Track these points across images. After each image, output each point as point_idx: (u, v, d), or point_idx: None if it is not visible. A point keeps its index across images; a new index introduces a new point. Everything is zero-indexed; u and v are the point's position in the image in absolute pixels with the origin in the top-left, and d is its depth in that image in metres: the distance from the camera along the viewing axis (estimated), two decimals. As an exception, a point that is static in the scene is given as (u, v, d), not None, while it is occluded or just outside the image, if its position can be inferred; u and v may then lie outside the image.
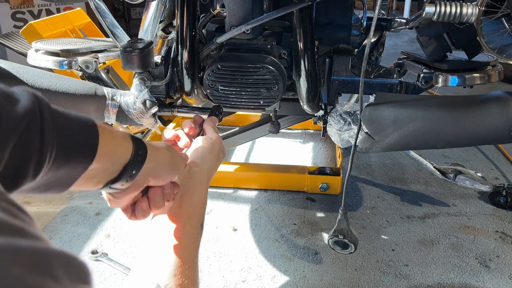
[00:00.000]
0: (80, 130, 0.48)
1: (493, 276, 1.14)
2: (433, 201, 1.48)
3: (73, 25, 1.84)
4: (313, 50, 1.01)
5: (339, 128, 1.02)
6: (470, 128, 0.88)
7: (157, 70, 1.10)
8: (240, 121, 1.98)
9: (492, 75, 1.01)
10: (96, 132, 0.49)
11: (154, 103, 1.09)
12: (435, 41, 0.99)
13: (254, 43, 1.01)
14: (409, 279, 1.14)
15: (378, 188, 1.56)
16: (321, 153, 1.85)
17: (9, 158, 0.42)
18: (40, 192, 0.48)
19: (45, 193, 0.49)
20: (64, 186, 0.49)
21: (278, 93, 1.01)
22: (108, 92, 1.06)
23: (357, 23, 1.09)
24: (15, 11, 2.85)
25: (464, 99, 0.94)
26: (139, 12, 3.90)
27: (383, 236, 1.30)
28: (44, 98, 0.46)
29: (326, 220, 1.37)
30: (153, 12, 1.10)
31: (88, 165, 0.49)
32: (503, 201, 1.42)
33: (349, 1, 1.07)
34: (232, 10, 0.96)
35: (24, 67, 0.99)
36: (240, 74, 0.99)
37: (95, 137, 0.49)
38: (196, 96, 1.10)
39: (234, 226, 1.34)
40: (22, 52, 1.59)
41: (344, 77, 1.07)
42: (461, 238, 1.29)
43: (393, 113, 0.93)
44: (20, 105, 0.43)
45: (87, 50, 1.16)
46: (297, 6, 0.90)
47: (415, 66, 1.06)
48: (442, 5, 0.91)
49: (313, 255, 1.22)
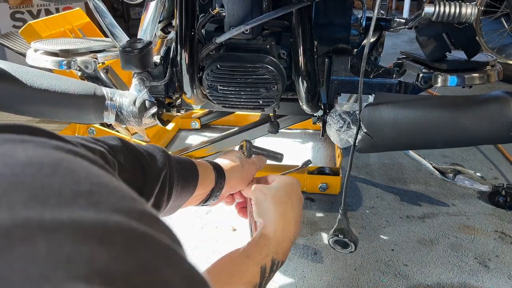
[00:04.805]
0: (188, 170, 0.68)
1: (493, 276, 1.14)
2: (432, 201, 1.48)
3: (72, 25, 1.83)
4: (312, 50, 1.01)
5: (338, 128, 1.01)
6: (469, 128, 0.88)
7: (156, 70, 1.10)
8: (239, 121, 1.98)
9: (492, 75, 1.01)
10: (197, 171, 0.69)
11: (153, 103, 1.09)
12: (435, 41, 0.99)
13: (253, 43, 1.01)
14: (409, 279, 1.14)
15: (377, 188, 1.56)
16: (321, 153, 1.85)
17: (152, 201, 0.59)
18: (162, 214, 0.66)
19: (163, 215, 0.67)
20: (177, 209, 0.69)
21: (277, 93, 1.01)
22: (107, 92, 1.06)
23: (356, 23, 1.09)
24: (14, 11, 2.85)
25: (464, 99, 0.94)
26: (138, 12, 3.89)
27: (383, 236, 1.30)
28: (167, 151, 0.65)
29: (326, 220, 1.37)
30: (152, 12, 1.10)
31: (192, 193, 0.69)
32: (502, 201, 1.42)
33: (348, 1, 1.07)
34: (231, 10, 0.96)
35: (23, 67, 0.98)
36: (239, 74, 0.99)
37: (197, 174, 0.69)
38: (195, 96, 1.09)
39: (233, 226, 1.34)
40: (21, 52, 1.59)
41: (343, 77, 1.07)
42: (461, 238, 1.29)
43: (392, 113, 0.93)
44: (158, 162, 0.61)
45: (86, 50, 1.16)
46: (296, 6, 0.90)
47: (415, 66, 1.06)
48: (442, 5, 0.91)
49: (313, 255, 1.22)
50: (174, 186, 0.63)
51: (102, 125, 1.80)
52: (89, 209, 0.23)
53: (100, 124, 1.77)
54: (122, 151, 0.54)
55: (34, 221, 0.21)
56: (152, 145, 0.63)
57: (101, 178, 0.28)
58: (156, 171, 0.59)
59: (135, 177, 0.55)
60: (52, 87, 0.97)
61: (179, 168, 0.65)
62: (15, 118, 1.78)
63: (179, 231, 1.33)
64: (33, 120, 1.96)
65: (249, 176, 0.80)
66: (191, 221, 1.37)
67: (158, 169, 0.59)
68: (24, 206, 0.22)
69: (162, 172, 0.60)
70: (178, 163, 0.65)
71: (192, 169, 0.68)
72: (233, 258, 0.65)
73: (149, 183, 0.58)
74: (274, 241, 0.67)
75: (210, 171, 0.72)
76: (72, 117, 1.03)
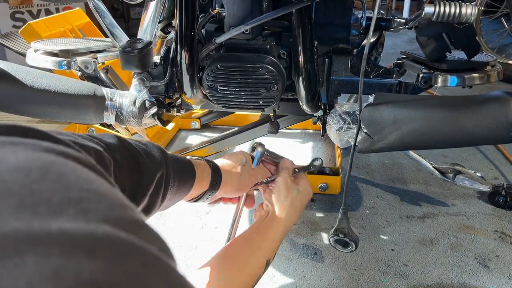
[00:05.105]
0: (185, 171, 0.67)
1: (493, 276, 1.14)
2: (432, 201, 1.48)
3: (72, 25, 1.83)
4: (313, 50, 1.01)
5: (339, 128, 1.01)
6: (469, 128, 0.88)
7: (156, 70, 1.10)
8: (239, 121, 1.98)
9: (492, 75, 1.01)
10: (194, 170, 0.68)
11: (153, 103, 1.09)
12: (435, 41, 0.99)
13: (253, 43, 1.01)
14: (409, 279, 1.14)
15: (377, 188, 1.56)
16: (321, 153, 1.85)
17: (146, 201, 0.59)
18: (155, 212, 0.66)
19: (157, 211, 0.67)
20: (170, 206, 0.68)
21: (278, 93, 1.01)
22: (107, 92, 1.06)
23: (356, 23, 1.09)
24: (14, 11, 2.85)
25: (464, 99, 0.94)
26: (138, 12, 3.89)
27: (383, 236, 1.30)
28: (165, 150, 0.64)
29: (326, 220, 1.37)
30: (152, 12, 1.10)
31: (187, 193, 0.68)
32: (502, 201, 1.42)
33: (348, 1, 1.07)
34: (231, 10, 0.96)
35: (23, 67, 0.98)
36: (239, 74, 0.99)
37: (193, 175, 0.68)
38: (195, 96, 1.09)
39: (233, 226, 1.34)
40: (21, 52, 1.59)
41: (343, 77, 1.07)
42: (461, 238, 1.29)
43: (392, 113, 0.93)
44: (155, 161, 0.60)
45: (86, 50, 1.16)
46: (296, 6, 0.90)
47: (415, 66, 1.06)
48: (442, 5, 0.91)
49: (313, 255, 1.22)
50: (170, 187, 0.63)
51: (102, 125, 1.80)
52: (78, 219, 0.23)
53: (100, 124, 1.77)
54: (119, 149, 0.54)
55: (23, 232, 0.21)
56: (150, 143, 0.63)
57: (92, 183, 0.28)
58: (153, 170, 0.59)
59: (131, 176, 0.55)
60: (52, 87, 0.97)
61: (176, 168, 0.64)
62: (15, 118, 1.78)
63: (179, 231, 1.33)
64: (33, 120, 1.96)
65: (245, 188, 0.80)
66: (191, 221, 1.37)
67: (154, 169, 0.59)
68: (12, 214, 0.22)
69: (158, 172, 0.60)
70: (175, 163, 0.65)
71: (189, 170, 0.68)
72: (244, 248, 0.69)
73: (144, 183, 0.57)
74: (279, 240, 0.73)
75: (207, 173, 0.72)
76: (72, 117, 1.03)
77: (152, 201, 0.60)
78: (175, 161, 0.65)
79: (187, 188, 0.67)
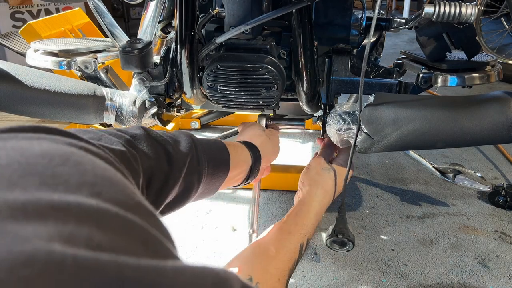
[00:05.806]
0: (218, 153, 0.70)
1: (493, 276, 1.14)
2: (432, 201, 1.48)
3: (72, 25, 1.83)
4: (313, 50, 1.01)
5: (339, 128, 1.01)
6: (470, 128, 0.88)
7: (156, 70, 1.10)
8: (239, 121, 1.98)
9: (492, 75, 1.01)
10: (227, 152, 0.71)
11: (153, 103, 1.09)
12: (435, 41, 0.99)
13: (253, 43, 1.01)
14: (409, 279, 1.14)
15: (377, 188, 1.56)
16: (321, 153, 1.85)
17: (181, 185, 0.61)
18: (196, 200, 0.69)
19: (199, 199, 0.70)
20: (212, 192, 0.72)
21: (278, 93, 1.01)
22: (107, 92, 1.06)
23: (356, 23, 1.09)
24: (14, 11, 2.85)
25: (464, 99, 0.94)
26: (138, 12, 3.89)
27: (383, 236, 1.30)
28: (193, 135, 0.67)
29: (326, 220, 1.37)
30: (152, 12, 1.10)
31: (226, 175, 0.71)
32: (502, 201, 1.42)
33: (348, 1, 1.07)
34: (231, 10, 0.96)
35: (23, 68, 0.98)
36: (239, 74, 0.99)
37: (227, 155, 0.71)
38: (195, 96, 1.09)
39: (233, 226, 1.34)
40: (21, 52, 1.59)
41: (343, 77, 1.07)
42: (461, 238, 1.29)
43: (392, 113, 0.93)
44: (183, 146, 0.63)
45: (86, 50, 1.16)
46: (296, 6, 0.90)
47: (415, 66, 1.06)
48: (442, 5, 0.91)
49: (313, 255, 1.22)
50: (204, 168, 0.66)
51: (102, 125, 1.80)
52: (91, 198, 0.27)
53: (100, 124, 1.77)
54: (145, 139, 0.57)
55: (45, 200, 0.25)
56: (177, 131, 0.67)
57: (106, 172, 0.32)
58: (182, 155, 0.62)
59: (160, 163, 0.58)
60: (52, 87, 0.97)
61: (207, 150, 0.67)
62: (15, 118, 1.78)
63: (179, 231, 1.33)
64: (33, 120, 1.96)
65: (277, 146, 0.89)
66: (191, 221, 1.37)
67: (183, 154, 0.62)
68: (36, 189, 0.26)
69: (188, 156, 0.63)
70: (205, 146, 0.68)
71: (221, 151, 0.72)
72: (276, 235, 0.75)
73: (175, 168, 0.60)
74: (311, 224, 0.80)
75: (242, 150, 0.77)
76: (72, 117, 1.03)
77: (188, 184, 0.63)
78: (205, 144, 0.69)
79: (223, 168, 0.71)
